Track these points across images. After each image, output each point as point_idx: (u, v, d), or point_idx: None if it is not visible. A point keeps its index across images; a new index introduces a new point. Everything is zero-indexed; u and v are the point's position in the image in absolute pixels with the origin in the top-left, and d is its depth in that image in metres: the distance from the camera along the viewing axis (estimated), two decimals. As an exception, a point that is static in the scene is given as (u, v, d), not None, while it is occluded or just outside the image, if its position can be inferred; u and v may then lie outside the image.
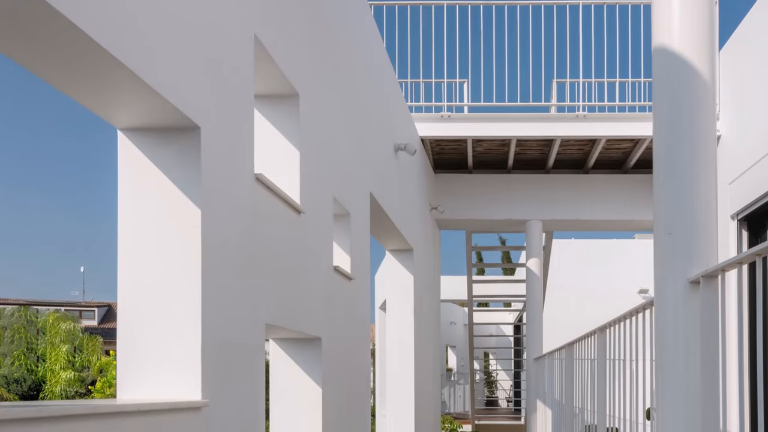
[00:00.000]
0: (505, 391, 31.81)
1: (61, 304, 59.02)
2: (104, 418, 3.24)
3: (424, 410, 13.08)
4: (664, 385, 3.94)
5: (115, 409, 3.39)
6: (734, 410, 8.31)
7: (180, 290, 4.31)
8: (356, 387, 8.15)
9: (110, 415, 3.30)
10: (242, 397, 4.86)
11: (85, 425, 3.07)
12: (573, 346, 7.94)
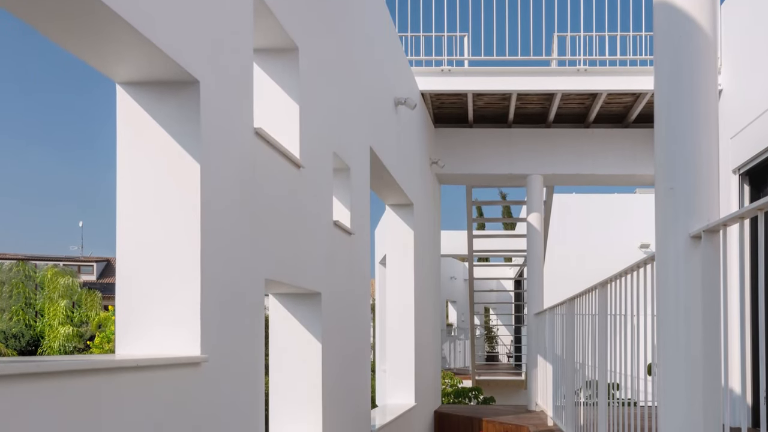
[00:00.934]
0: (505, 346, 31.94)
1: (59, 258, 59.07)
2: (103, 374, 3.23)
3: (424, 365, 13.12)
4: (665, 341, 3.92)
5: (114, 365, 3.37)
6: (736, 365, 8.32)
7: (179, 245, 4.30)
8: (356, 342, 8.16)
9: (109, 370, 3.29)
10: (242, 353, 4.86)
11: (83, 381, 3.06)
12: (574, 301, 7.93)
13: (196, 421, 4.12)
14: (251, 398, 4.98)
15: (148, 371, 3.65)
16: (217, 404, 4.41)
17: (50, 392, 2.82)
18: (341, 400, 7.32)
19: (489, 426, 12.01)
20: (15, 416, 2.61)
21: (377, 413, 10.82)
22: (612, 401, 6.26)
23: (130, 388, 3.45)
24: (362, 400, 8.36)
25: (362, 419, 8.31)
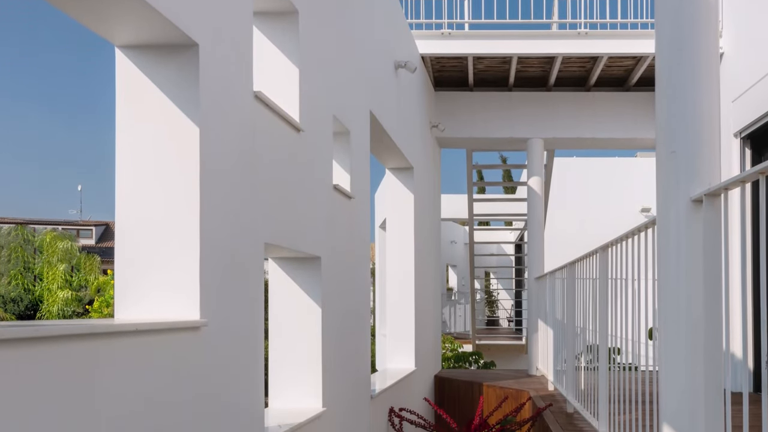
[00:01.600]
0: (506, 310, 32.00)
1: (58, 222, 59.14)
2: (102, 338, 3.22)
3: (424, 330, 13.14)
4: (665, 305, 3.91)
5: (113, 329, 3.36)
6: (737, 330, 8.32)
7: (178, 209, 4.28)
8: (356, 306, 8.16)
9: (108, 335, 3.28)
10: (241, 317, 4.85)
11: (82, 345, 3.05)
12: (574, 265, 7.92)
13: (195, 386, 4.12)
14: (251, 362, 4.98)
15: (147, 336, 3.64)
16: (216, 369, 4.41)
17: (49, 356, 2.81)
18: (341, 364, 7.33)
19: (489, 391, 12.04)
20: (14, 380, 2.60)
21: (377, 378, 10.85)
22: (613, 366, 6.26)
23: (129, 353, 3.44)
24: (362, 365, 8.38)
25: (362, 384, 8.33)
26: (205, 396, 4.23)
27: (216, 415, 4.37)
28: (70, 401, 2.92)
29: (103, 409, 3.15)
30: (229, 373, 4.60)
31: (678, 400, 3.80)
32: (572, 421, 7.87)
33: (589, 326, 7.11)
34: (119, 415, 3.28)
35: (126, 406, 3.36)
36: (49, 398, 2.79)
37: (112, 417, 3.22)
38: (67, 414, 2.89)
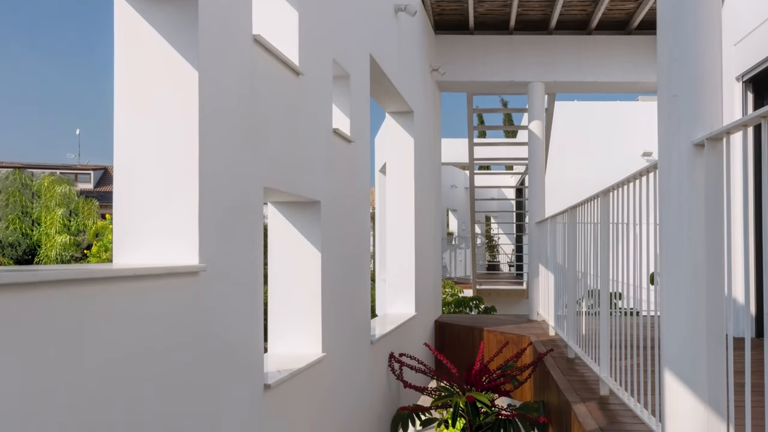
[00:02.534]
0: (506, 255, 32.07)
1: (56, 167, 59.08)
2: (100, 283, 3.20)
3: (424, 275, 13.16)
4: (667, 250, 3.89)
5: (112, 274, 3.34)
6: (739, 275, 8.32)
7: (177, 153, 4.25)
8: (356, 251, 8.15)
9: (106, 279, 3.26)
10: (240, 262, 4.83)
11: (80, 290, 3.03)
12: (575, 209, 7.89)
13: (194, 331, 4.11)
14: (250, 307, 4.97)
15: (145, 281, 3.62)
16: (215, 314, 4.39)
17: (47, 302, 2.79)
18: (341, 309, 7.33)
19: (490, 336, 12.08)
20: (11, 325, 2.58)
21: (377, 323, 10.87)
22: (614, 311, 6.26)
23: (127, 298, 3.42)
24: (362, 310, 8.38)
25: (362, 328, 8.35)
26: (204, 341, 4.22)
27: (215, 360, 4.37)
28: (68, 346, 2.90)
29: (101, 353, 3.14)
30: (228, 319, 4.59)
31: (680, 345, 3.80)
32: (573, 367, 7.90)
33: (591, 271, 7.10)
34: (118, 359, 3.27)
35: (124, 351, 3.35)
36: (47, 343, 2.78)
37: (111, 362, 3.21)
38: (65, 358, 2.88)
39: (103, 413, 3.11)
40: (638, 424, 5.23)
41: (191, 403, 4.03)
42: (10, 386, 2.56)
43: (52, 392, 2.78)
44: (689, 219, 3.71)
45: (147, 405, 3.52)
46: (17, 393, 2.59)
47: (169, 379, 3.79)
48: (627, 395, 5.48)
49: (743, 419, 3.19)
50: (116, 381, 3.25)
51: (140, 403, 3.46)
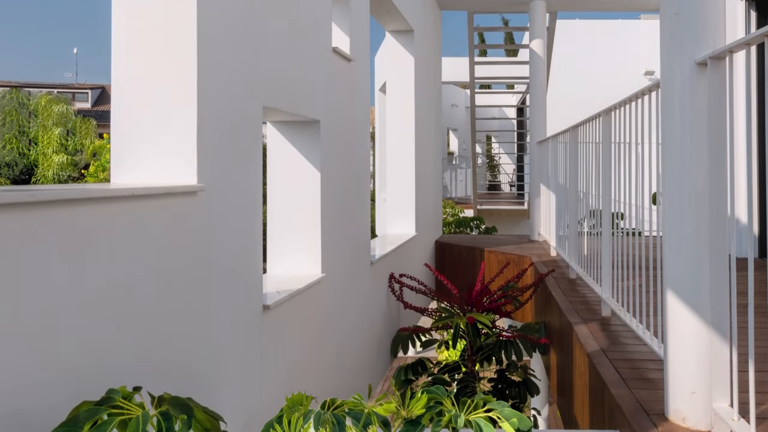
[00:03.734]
0: (507, 175, 32.05)
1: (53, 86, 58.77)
2: (98, 203, 3.16)
3: (424, 195, 13.13)
4: (669, 170, 3.86)
5: (109, 194, 3.31)
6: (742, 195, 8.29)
7: (176, 72, 4.19)
8: (356, 170, 8.11)
9: (104, 199, 3.22)
10: (239, 182, 4.79)
11: (78, 210, 3.00)
12: (577, 129, 7.84)
13: (193, 251, 4.09)
14: (249, 227, 4.94)
15: (143, 200, 3.59)
16: (214, 234, 4.37)
17: (45, 222, 2.76)
18: (340, 229, 7.31)
19: (491, 256, 12.09)
20: (8, 246, 2.55)
21: (377, 243, 10.88)
22: (616, 231, 6.24)
23: (125, 218, 3.39)
24: (362, 230, 8.37)
25: (362, 249, 8.34)
26: (203, 261, 4.20)
27: (214, 280, 4.35)
28: (66, 266, 2.88)
29: (99, 274, 3.11)
30: (227, 239, 4.57)
31: (682, 265, 3.78)
32: (575, 287, 7.90)
33: (592, 191, 7.07)
34: (116, 280, 3.25)
35: (123, 271, 3.32)
36: (45, 263, 2.75)
37: (109, 282, 3.19)
38: (63, 279, 2.85)
39: (102, 333, 3.10)
40: (640, 345, 5.23)
41: (190, 324, 4.02)
42: (8, 307, 2.54)
43: (51, 313, 2.76)
44: (692, 139, 3.67)
45: (146, 326, 3.51)
46: (15, 314, 2.57)
47: (169, 299, 3.78)
48: (629, 316, 5.48)
49: (746, 340, 3.17)
50: (115, 302, 3.23)
51: (140, 323, 3.44)
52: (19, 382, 2.58)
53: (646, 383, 4.43)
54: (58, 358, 2.80)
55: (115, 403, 2.45)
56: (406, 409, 2.64)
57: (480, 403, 2.68)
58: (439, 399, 2.72)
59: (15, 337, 2.57)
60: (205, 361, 4.19)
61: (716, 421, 3.45)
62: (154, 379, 3.46)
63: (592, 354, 5.17)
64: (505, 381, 8.73)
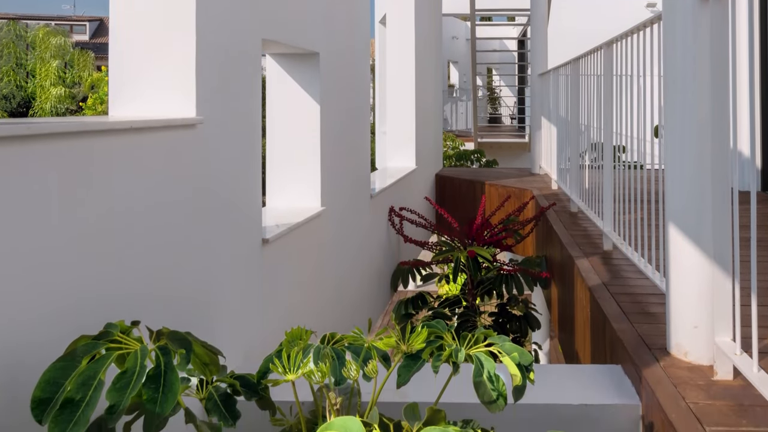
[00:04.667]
0: (508, 108, 31.91)
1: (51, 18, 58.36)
2: (96, 136, 3.12)
3: (425, 128, 13.08)
4: (671, 102, 3.82)
5: (107, 127, 3.27)
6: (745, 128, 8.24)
7: (174, 3, 4.12)
8: (355, 103, 8.05)
9: (102, 132, 3.19)
10: (238, 115, 4.75)
11: (76, 143, 2.97)
12: (578, 61, 7.79)
13: (192, 184, 4.06)
14: (248, 160, 4.91)
15: (142, 134, 3.55)
16: (213, 167, 4.33)
17: (42, 155, 2.73)
18: (340, 162, 7.27)
19: (491, 190, 12.06)
20: (5, 179, 2.53)
21: (377, 176, 10.84)
22: (617, 164, 6.22)
23: (123, 151, 3.35)
24: (362, 163, 8.33)
25: (362, 182, 8.31)
26: (201, 195, 4.17)
27: (213, 214, 4.33)
28: (63, 200, 2.85)
29: (97, 208, 3.09)
30: (226, 172, 4.54)
31: (684, 199, 3.77)
32: (576, 221, 7.89)
33: (594, 124, 7.04)
34: (114, 213, 3.23)
35: (121, 205, 3.30)
36: (43, 197, 2.72)
37: (107, 216, 3.17)
38: (60, 212, 2.83)
39: (100, 268, 3.08)
40: (642, 279, 5.23)
41: (189, 258, 4.00)
42: (4, 242, 2.52)
43: (48, 247, 2.74)
44: (694, 71, 3.63)
45: (145, 260, 3.50)
46: (12, 249, 2.55)
47: (167, 233, 3.76)
48: (631, 250, 5.48)
49: (748, 274, 3.16)
50: (114, 236, 3.21)
51: (138, 258, 3.43)
52: (17, 317, 2.57)
53: (647, 317, 4.44)
54: (56, 293, 2.78)
55: (113, 338, 2.44)
56: (406, 344, 2.63)
57: (481, 337, 2.67)
58: (440, 333, 2.72)
59: (12, 272, 2.56)
60: (204, 296, 4.19)
61: (718, 355, 3.45)
62: (153, 314, 3.45)
63: (593, 288, 5.17)
64: (505, 315, 8.76)
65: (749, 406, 3.12)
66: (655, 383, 3.42)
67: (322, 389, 2.65)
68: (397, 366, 2.63)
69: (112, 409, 2.20)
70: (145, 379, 2.28)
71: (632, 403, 3.63)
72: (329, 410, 2.61)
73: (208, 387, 2.69)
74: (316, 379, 2.47)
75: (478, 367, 2.54)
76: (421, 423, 2.36)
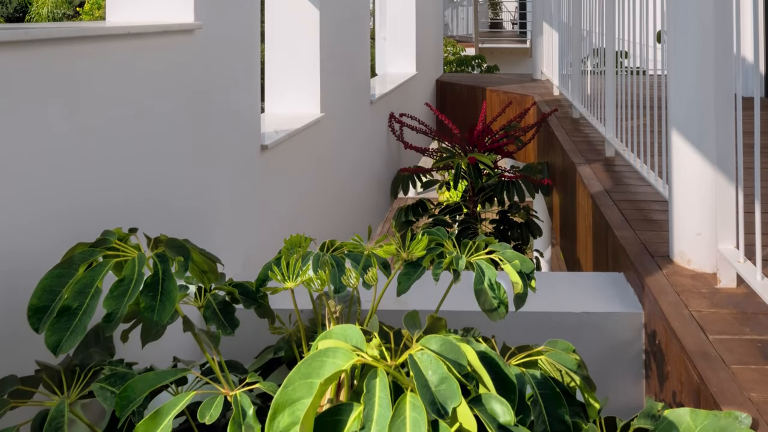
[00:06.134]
0: (509, 13, 31.54)
1: None
2: (93, 42, 3.07)
3: (425, 33, 12.94)
4: (675, 7, 3.76)
5: (104, 32, 3.22)
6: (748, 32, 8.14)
7: None
8: (355, 7, 7.94)
9: (99, 38, 3.13)
10: (236, 20, 4.67)
11: (73, 49, 2.91)
12: (582, -36, 7.70)
13: (190, 91, 4.00)
14: (247, 66, 4.84)
15: (140, 39, 3.49)
16: (211, 73, 4.27)
17: (39, 61, 2.68)
18: (340, 68, 7.19)
19: (492, 95, 11.97)
20: (4, 84, 2.48)
21: (377, 82, 10.75)
22: (620, 70, 6.15)
23: (121, 57, 3.29)
24: (361, 69, 8.24)
25: (361, 88, 8.23)
26: (200, 101, 4.12)
27: (211, 120, 4.28)
28: (61, 107, 2.81)
29: (95, 114, 3.04)
30: (224, 78, 4.48)
31: (687, 105, 3.73)
32: (578, 127, 7.83)
33: (596, 29, 6.96)
34: (112, 119, 3.18)
35: (119, 111, 3.25)
36: (40, 103, 2.68)
37: (105, 123, 3.12)
38: (58, 119, 2.79)
39: (98, 174, 3.05)
40: (644, 186, 5.19)
41: (187, 165, 3.97)
42: (4, 149, 2.49)
43: (46, 154, 2.70)
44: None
45: (143, 167, 3.46)
46: (9, 155, 2.52)
47: (166, 140, 3.71)
48: (633, 156, 5.44)
49: (752, 181, 3.14)
50: (111, 143, 3.17)
51: (136, 164, 3.39)
52: (14, 224, 2.54)
53: (650, 225, 4.42)
54: (53, 200, 2.76)
55: (111, 245, 2.41)
56: (407, 251, 2.61)
57: (482, 244, 2.65)
58: (440, 241, 2.69)
59: (9, 179, 2.52)
60: (202, 203, 4.16)
61: (722, 263, 3.43)
62: (151, 221, 3.43)
63: (595, 195, 5.15)
64: (507, 222, 8.76)
65: (752, 314, 3.11)
66: (657, 291, 3.41)
67: (322, 297, 2.63)
68: (397, 274, 2.62)
69: (110, 318, 2.18)
70: (142, 286, 2.26)
71: (634, 311, 3.62)
72: (328, 318, 2.60)
73: (207, 295, 2.67)
74: (315, 287, 2.44)
75: (479, 274, 2.52)
76: (422, 331, 2.35)
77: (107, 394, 2.26)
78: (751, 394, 2.50)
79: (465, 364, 1.80)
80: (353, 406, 1.76)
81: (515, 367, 2.15)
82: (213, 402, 2.02)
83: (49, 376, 2.38)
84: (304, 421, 1.65)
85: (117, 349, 2.68)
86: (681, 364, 2.89)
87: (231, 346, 3.00)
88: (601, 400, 2.29)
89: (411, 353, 1.80)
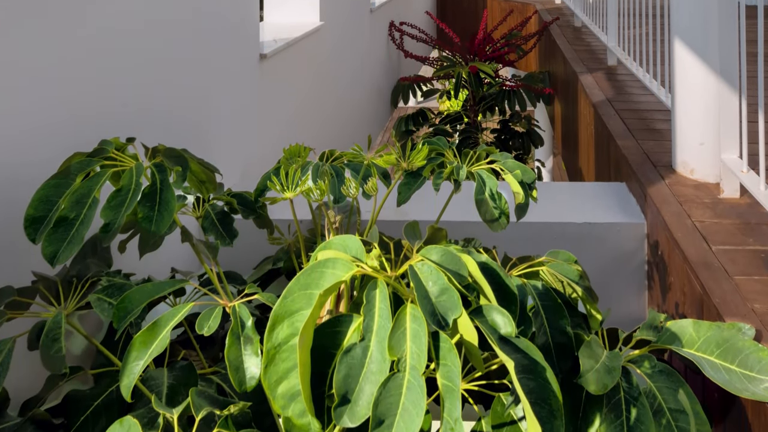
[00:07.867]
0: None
1: None
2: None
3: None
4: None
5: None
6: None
7: None
8: None
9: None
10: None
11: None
12: None
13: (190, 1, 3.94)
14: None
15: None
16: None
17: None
18: (340, -25, 7.10)
19: (493, 4, 11.83)
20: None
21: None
22: (623, -24, 6.07)
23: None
24: (362, -24, 8.14)
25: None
26: (197, 9, 4.05)
27: (209, 29, 4.21)
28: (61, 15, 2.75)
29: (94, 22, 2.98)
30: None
31: (690, 13, 3.67)
32: (580, 36, 7.75)
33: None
34: (110, 29, 3.12)
35: (117, 22, 3.18)
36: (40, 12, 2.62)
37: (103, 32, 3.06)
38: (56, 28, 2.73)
39: (96, 84, 3.00)
40: (646, 95, 5.14)
41: (185, 74, 3.91)
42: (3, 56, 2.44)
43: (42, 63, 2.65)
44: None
45: (141, 76, 3.41)
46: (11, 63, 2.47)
47: (162, 49, 3.65)
48: (635, 65, 5.38)
49: (755, 90, 3.09)
50: (109, 52, 3.11)
51: (134, 74, 3.34)
52: (9, 134, 2.50)
53: (653, 134, 4.38)
54: (50, 109, 2.71)
55: (108, 155, 2.38)
56: (407, 161, 2.58)
57: (483, 154, 2.62)
58: (441, 150, 2.66)
59: (7, 86, 2.48)
60: (200, 112, 4.11)
61: (725, 172, 3.40)
62: (148, 131, 3.39)
63: (597, 104, 5.10)
64: (508, 132, 8.71)
65: (756, 225, 3.09)
66: (660, 201, 3.38)
67: (321, 207, 2.61)
68: (397, 184, 2.59)
69: (107, 228, 2.16)
70: (140, 197, 2.23)
71: (637, 221, 3.60)
72: (328, 229, 2.58)
73: (205, 205, 2.65)
74: (314, 197, 2.42)
75: (479, 184, 2.49)
76: (422, 241, 2.32)
77: (104, 305, 2.24)
78: (755, 306, 2.49)
79: (466, 274, 1.78)
80: (353, 318, 1.75)
81: (516, 278, 2.13)
82: (211, 313, 2.01)
83: (45, 287, 2.36)
84: (304, 332, 1.63)
85: (114, 260, 2.66)
86: (684, 275, 2.88)
87: (229, 257, 2.99)
88: (603, 311, 2.27)
89: (411, 264, 1.78)
